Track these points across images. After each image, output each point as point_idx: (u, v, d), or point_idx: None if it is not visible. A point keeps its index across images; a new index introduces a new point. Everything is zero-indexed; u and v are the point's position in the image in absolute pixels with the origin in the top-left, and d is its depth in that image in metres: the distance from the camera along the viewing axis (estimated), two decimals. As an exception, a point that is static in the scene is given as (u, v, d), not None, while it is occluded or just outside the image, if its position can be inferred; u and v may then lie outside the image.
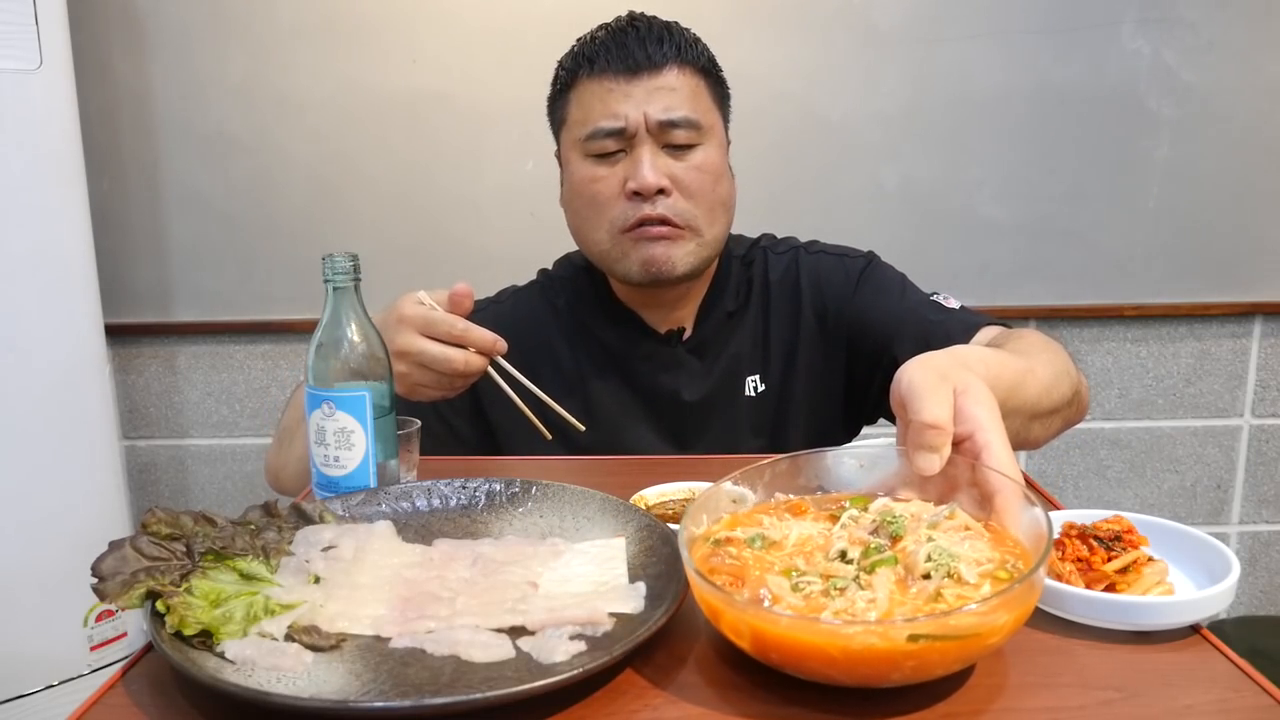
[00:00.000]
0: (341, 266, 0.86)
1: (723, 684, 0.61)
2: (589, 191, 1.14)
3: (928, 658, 0.54)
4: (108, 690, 0.61)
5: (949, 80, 1.87)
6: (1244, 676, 0.61)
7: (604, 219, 1.14)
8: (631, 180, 1.11)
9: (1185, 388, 2.03)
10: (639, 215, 1.11)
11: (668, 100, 1.11)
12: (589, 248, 1.19)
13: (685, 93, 1.12)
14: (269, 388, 2.00)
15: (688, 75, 1.13)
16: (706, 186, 1.13)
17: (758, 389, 1.22)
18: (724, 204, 1.16)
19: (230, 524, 0.74)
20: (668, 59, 1.11)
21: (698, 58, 1.14)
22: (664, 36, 1.12)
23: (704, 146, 1.13)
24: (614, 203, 1.13)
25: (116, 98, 1.86)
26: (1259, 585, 2.13)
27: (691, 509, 0.69)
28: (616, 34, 1.13)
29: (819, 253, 1.26)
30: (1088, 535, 0.72)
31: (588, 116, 1.13)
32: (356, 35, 1.85)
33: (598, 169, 1.14)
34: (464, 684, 0.59)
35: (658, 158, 1.11)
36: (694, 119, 1.11)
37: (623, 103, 1.11)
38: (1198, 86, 1.88)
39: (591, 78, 1.13)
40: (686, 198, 1.12)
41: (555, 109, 1.21)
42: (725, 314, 1.23)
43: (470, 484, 0.86)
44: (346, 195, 1.90)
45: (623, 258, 1.14)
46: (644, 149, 1.11)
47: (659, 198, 1.11)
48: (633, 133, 1.11)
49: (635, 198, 1.11)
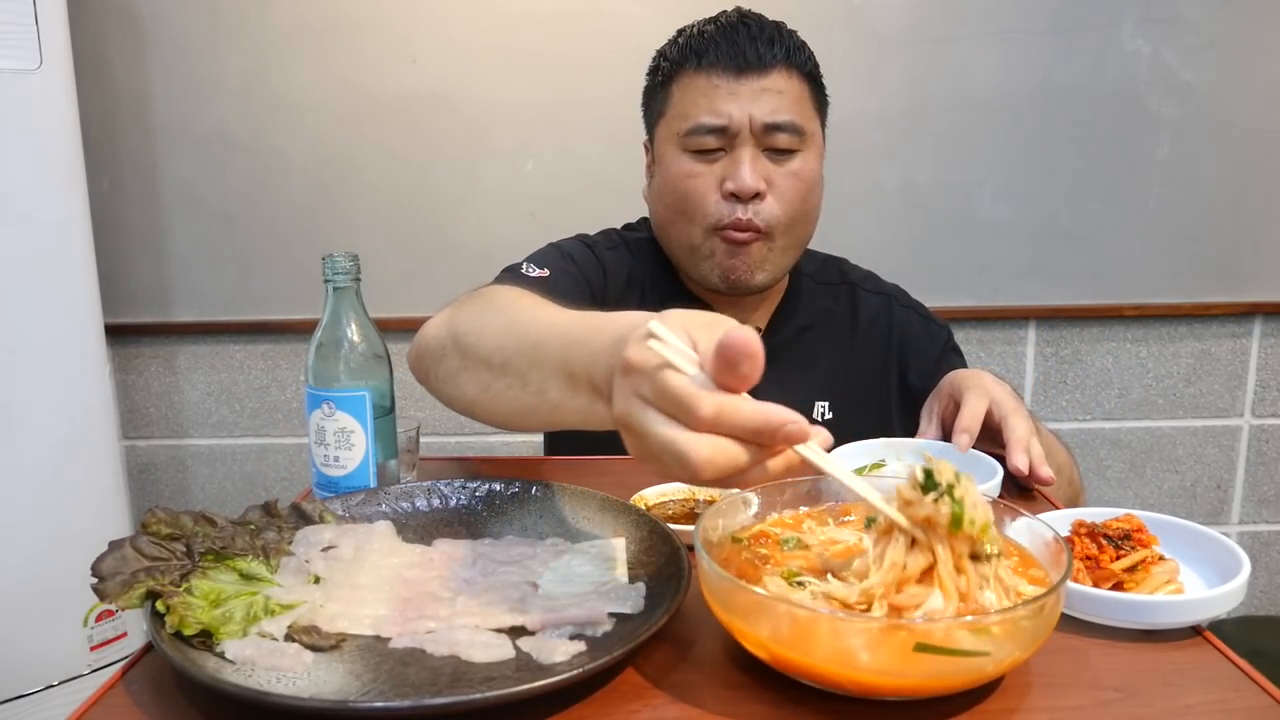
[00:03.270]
0: (341, 266, 0.86)
1: (723, 684, 0.61)
2: (684, 187, 1.12)
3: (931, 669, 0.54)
4: (108, 690, 0.61)
5: (949, 80, 1.87)
6: (1244, 676, 0.61)
7: (698, 215, 1.12)
8: (730, 180, 1.09)
9: (1185, 388, 2.03)
10: (733, 218, 1.09)
11: (774, 103, 1.08)
12: (675, 241, 1.16)
13: (791, 96, 1.10)
14: (269, 388, 2.00)
15: (794, 79, 1.11)
16: (800, 195, 1.11)
17: (825, 415, 1.21)
18: (811, 215, 1.15)
19: (230, 524, 0.74)
20: (776, 60, 1.09)
21: (805, 62, 1.12)
22: (775, 37, 1.10)
23: (803, 154, 1.11)
24: (709, 200, 1.11)
25: (116, 98, 1.86)
26: (1259, 585, 2.13)
27: (710, 512, 0.69)
28: (727, 30, 1.10)
29: (909, 309, 1.28)
30: (1097, 534, 0.72)
31: (690, 111, 1.10)
32: (356, 35, 1.85)
33: (696, 165, 1.11)
34: (464, 684, 0.59)
35: (758, 161, 1.09)
36: (798, 124, 1.09)
37: (728, 101, 1.08)
38: (1198, 86, 1.88)
39: (698, 72, 1.10)
40: (780, 203, 1.10)
41: (653, 100, 1.19)
42: (799, 327, 1.23)
43: (470, 484, 0.86)
44: (346, 195, 1.90)
45: (709, 257, 1.13)
46: (745, 150, 1.09)
47: (754, 202, 1.09)
48: (735, 132, 1.09)
49: (731, 199, 1.09)
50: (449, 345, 0.87)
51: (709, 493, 0.91)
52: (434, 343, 0.90)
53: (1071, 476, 1.11)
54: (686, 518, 0.87)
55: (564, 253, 1.18)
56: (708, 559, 0.61)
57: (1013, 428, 0.95)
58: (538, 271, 1.11)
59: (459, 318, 0.88)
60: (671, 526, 0.77)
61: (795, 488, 0.74)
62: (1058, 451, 1.08)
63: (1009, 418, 0.96)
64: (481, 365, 0.81)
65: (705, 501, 0.90)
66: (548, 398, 0.71)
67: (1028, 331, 1.99)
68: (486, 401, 0.82)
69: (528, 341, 0.74)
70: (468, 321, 0.86)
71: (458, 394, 0.87)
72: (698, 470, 0.53)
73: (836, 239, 1.40)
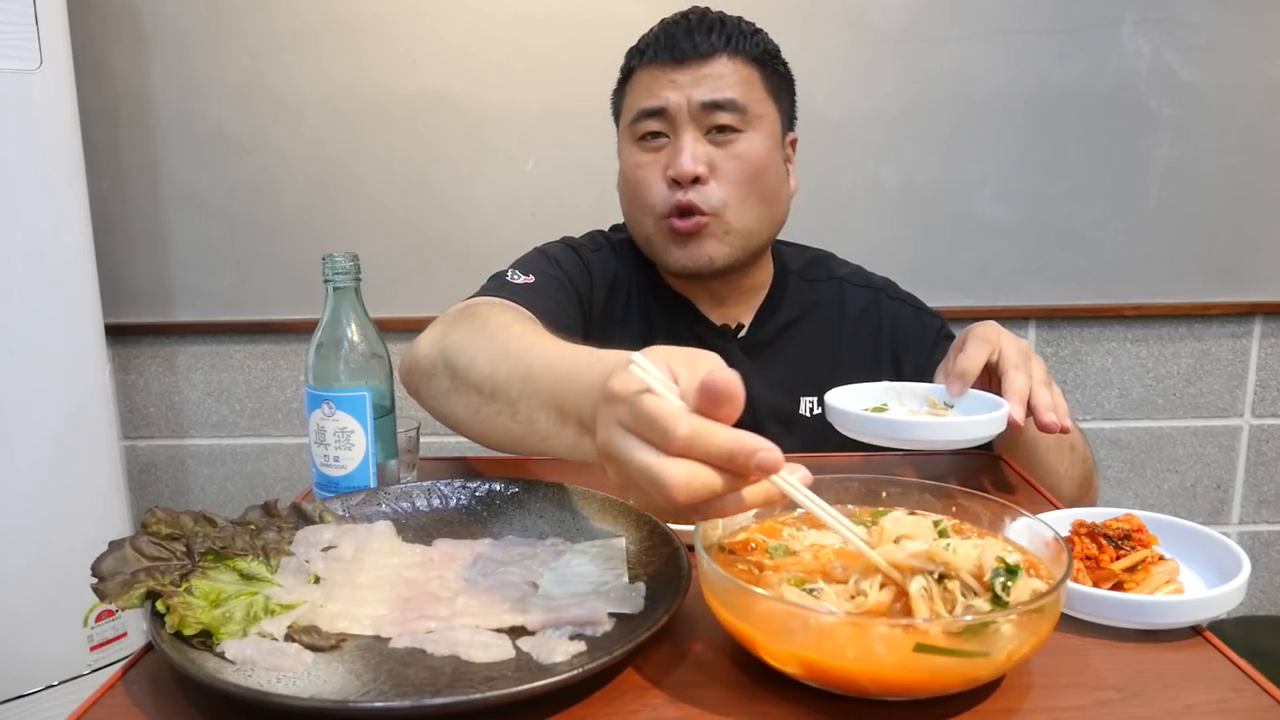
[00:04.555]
0: (341, 266, 0.87)
1: (723, 684, 0.61)
2: (634, 177, 1.15)
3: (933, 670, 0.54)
4: (108, 690, 0.61)
5: (949, 80, 1.87)
6: (1244, 676, 0.61)
7: (646, 204, 1.14)
8: (670, 167, 1.11)
9: (1185, 388, 2.03)
10: (674, 202, 1.11)
11: (713, 84, 1.11)
12: (636, 233, 1.20)
13: (733, 79, 1.12)
14: (269, 388, 2.00)
15: (738, 64, 1.12)
16: (747, 175, 1.12)
17: (813, 410, 1.22)
18: (765, 196, 1.14)
19: (230, 524, 0.74)
20: (716, 49, 1.11)
21: (750, 49, 1.14)
22: (714, 27, 1.13)
23: (749, 135, 1.12)
24: (655, 189, 1.13)
25: (116, 98, 1.86)
26: (1259, 585, 2.13)
27: None
28: (669, 25, 1.14)
29: (899, 300, 1.28)
30: (1097, 533, 0.72)
31: (635, 103, 1.15)
32: (356, 35, 1.85)
33: (643, 155, 1.15)
34: (464, 684, 0.59)
35: (699, 145, 1.11)
36: (738, 101, 1.11)
37: (667, 87, 1.11)
38: (1198, 86, 1.88)
39: (643, 67, 1.15)
40: (724, 185, 1.11)
41: (616, 101, 1.23)
42: (783, 322, 1.23)
43: (470, 484, 0.86)
44: (346, 195, 1.90)
45: (664, 245, 1.15)
46: (685, 135, 1.11)
47: (695, 185, 1.10)
48: (674, 115, 1.11)
49: (674, 184, 1.11)
50: (440, 365, 0.89)
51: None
52: (425, 361, 0.92)
53: (1086, 456, 1.10)
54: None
55: (549, 258, 1.20)
56: (708, 559, 0.61)
57: (1010, 380, 0.93)
58: (523, 278, 1.12)
59: (451, 339, 0.90)
60: (671, 526, 0.77)
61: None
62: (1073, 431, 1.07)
63: (1009, 371, 0.94)
64: (472, 389, 0.83)
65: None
66: (536, 428, 0.73)
67: (1027, 331, 1.99)
68: (477, 424, 0.85)
69: (518, 373, 0.76)
70: (459, 344, 0.88)
71: (448, 413, 0.90)
72: (673, 493, 0.53)
73: (836, 239, 1.40)
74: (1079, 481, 1.09)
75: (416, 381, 0.95)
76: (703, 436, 0.53)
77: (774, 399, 1.20)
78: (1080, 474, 1.08)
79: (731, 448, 0.53)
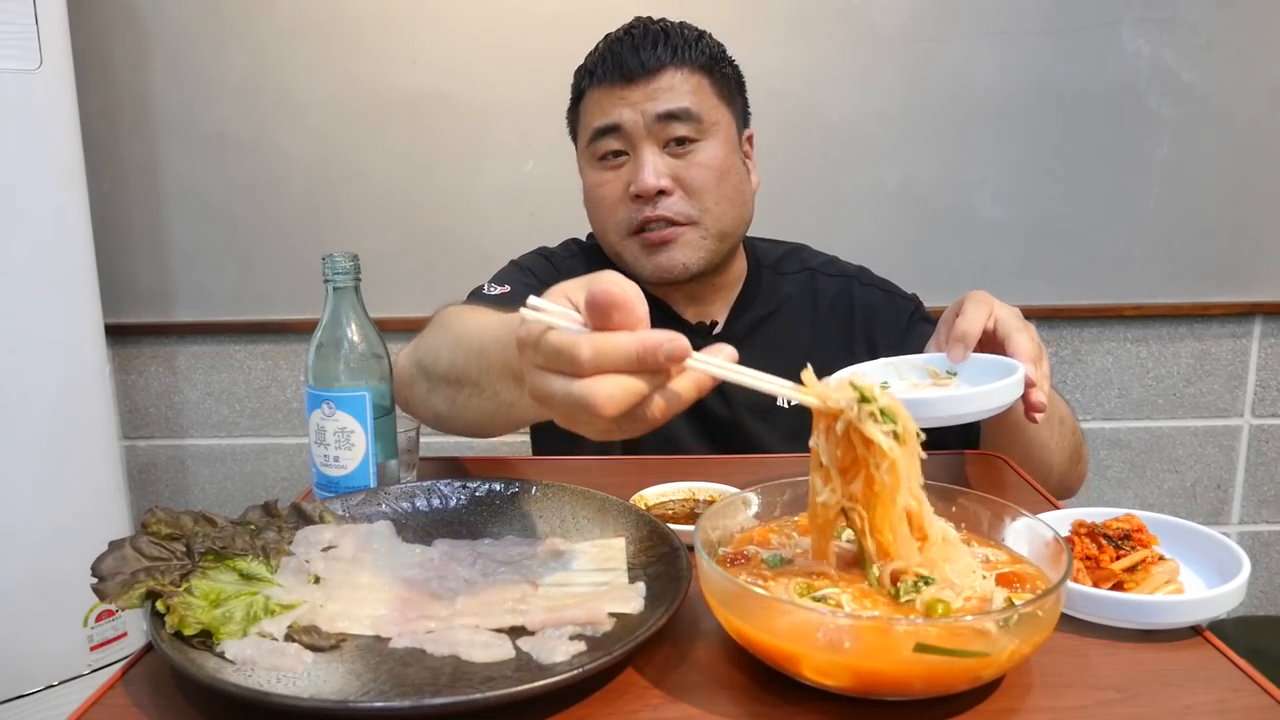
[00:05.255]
0: (341, 266, 0.87)
1: (723, 684, 0.61)
2: (596, 196, 1.18)
3: (934, 671, 0.54)
4: (108, 690, 0.61)
5: (949, 80, 1.87)
6: (1244, 676, 0.61)
7: (611, 222, 1.16)
8: (633, 184, 1.12)
9: (1185, 388, 2.03)
10: (641, 218, 1.13)
11: (665, 97, 1.12)
12: (607, 249, 1.22)
13: (683, 90, 1.13)
14: (269, 388, 2.00)
15: (686, 74, 1.13)
16: (710, 183, 1.13)
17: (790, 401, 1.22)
18: (731, 199, 1.16)
19: (230, 524, 0.74)
20: (663, 62, 1.12)
21: (697, 56, 1.14)
22: (659, 40, 1.13)
23: (707, 143, 1.14)
24: (619, 206, 1.15)
25: (116, 98, 1.86)
26: (1259, 585, 2.13)
27: (710, 512, 0.69)
28: (614, 44, 1.15)
29: (871, 286, 1.28)
30: (1097, 534, 0.72)
31: (590, 123, 1.16)
32: (356, 35, 1.85)
33: (604, 174, 1.16)
34: (464, 684, 0.59)
35: (659, 159, 1.12)
36: (692, 111, 1.12)
37: (619, 105, 1.13)
38: (1198, 86, 1.88)
39: (593, 88, 1.16)
40: (690, 195, 1.13)
41: (571, 122, 1.25)
42: (757, 317, 1.24)
43: (470, 484, 0.86)
44: (346, 195, 1.90)
45: (634, 262, 1.16)
46: (644, 150, 1.12)
47: (660, 198, 1.12)
48: (630, 132, 1.12)
49: (638, 200, 1.13)
50: (415, 372, 0.97)
51: (709, 493, 0.91)
52: (404, 373, 1.00)
53: (1074, 427, 1.10)
54: (686, 518, 0.87)
55: (523, 268, 1.25)
56: (708, 559, 0.61)
57: (1017, 344, 0.88)
58: (498, 289, 1.18)
59: (420, 347, 0.97)
60: (671, 526, 0.77)
61: (783, 496, 0.75)
62: (1058, 403, 1.08)
63: (1013, 335, 0.89)
64: (443, 382, 0.89)
65: (705, 501, 0.90)
66: (502, 398, 0.77)
67: (1028, 331, 1.99)
68: (457, 413, 0.90)
69: (473, 352, 0.82)
70: (425, 346, 0.95)
71: (431, 413, 0.96)
72: (601, 409, 0.54)
73: (836, 238, 1.40)
74: (1069, 453, 1.09)
75: (404, 395, 1.01)
76: (606, 350, 0.54)
77: (751, 393, 1.21)
78: (1071, 445, 1.09)
79: (636, 351, 0.54)
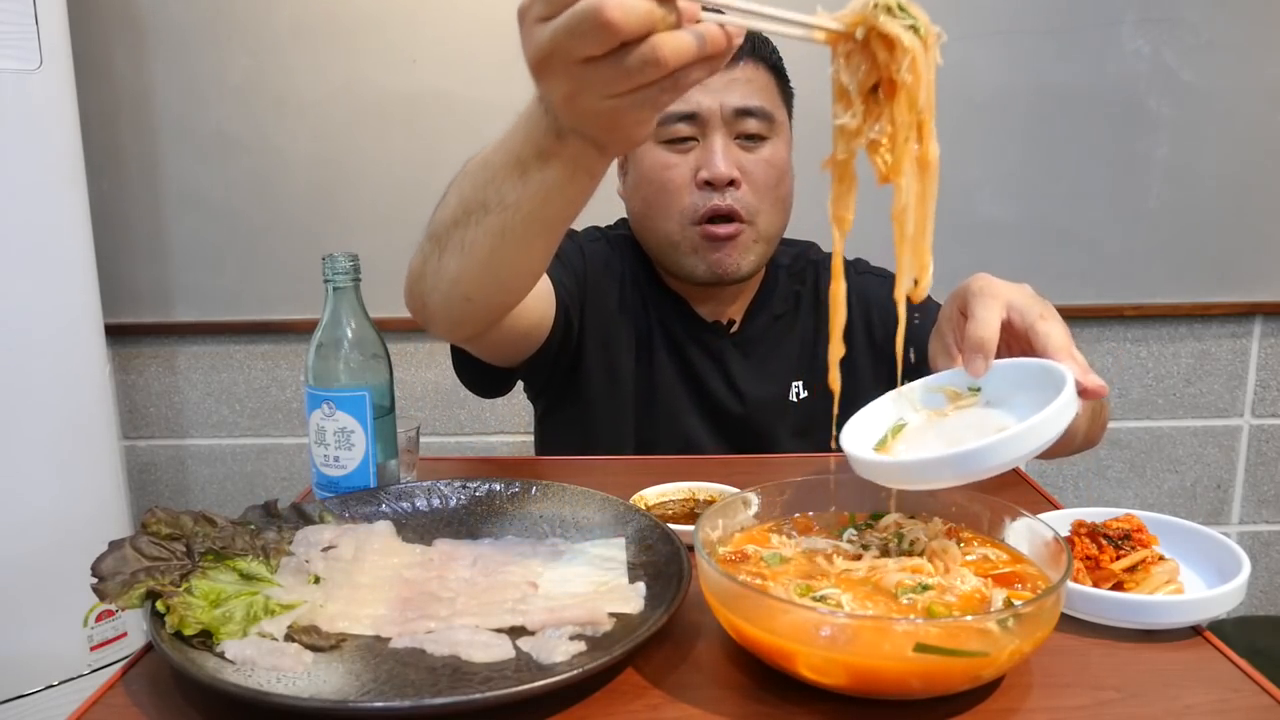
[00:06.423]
0: (341, 266, 0.87)
1: (722, 684, 0.61)
2: (660, 179, 1.13)
3: (932, 671, 0.55)
4: (108, 690, 0.61)
5: (949, 80, 1.85)
6: (1244, 676, 0.61)
7: (674, 208, 1.13)
8: (704, 169, 1.10)
9: (1185, 388, 2.03)
10: (709, 206, 1.11)
11: (743, 90, 1.11)
12: (655, 237, 1.17)
13: (759, 84, 1.13)
14: (269, 388, 2.00)
15: (761, 70, 1.13)
16: (772, 181, 1.13)
17: (800, 395, 1.23)
18: (784, 202, 1.16)
19: (230, 524, 0.74)
20: (743, 53, 1.11)
21: (770, 54, 1.15)
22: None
23: (773, 141, 1.14)
24: (685, 191, 1.12)
25: (116, 98, 1.86)
26: (1259, 585, 2.13)
27: (710, 512, 0.69)
28: None
29: (866, 273, 1.28)
30: (1097, 534, 0.72)
31: None
32: (356, 35, 1.85)
33: (670, 156, 1.13)
34: (464, 684, 0.59)
35: (730, 149, 1.11)
36: (768, 110, 1.12)
37: (698, 90, 1.07)
38: (1198, 86, 1.88)
39: None
40: (754, 191, 1.12)
41: None
42: (773, 316, 1.24)
43: (470, 484, 0.86)
44: (346, 195, 1.90)
45: (691, 252, 1.14)
46: (717, 138, 1.11)
47: (729, 189, 1.11)
48: (706, 119, 1.11)
49: (706, 187, 1.11)
50: (426, 246, 0.89)
51: (709, 493, 0.91)
52: (415, 260, 0.92)
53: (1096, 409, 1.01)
54: (686, 518, 0.87)
55: None
56: (708, 559, 0.61)
57: (1046, 335, 0.76)
58: None
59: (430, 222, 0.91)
60: (671, 526, 0.77)
61: (783, 496, 0.75)
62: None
63: (1036, 324, 0.78)
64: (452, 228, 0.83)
65: (705, 501, 0.90)
66: (507, 200, 0.76)
67: (1028, 331, 1.99)
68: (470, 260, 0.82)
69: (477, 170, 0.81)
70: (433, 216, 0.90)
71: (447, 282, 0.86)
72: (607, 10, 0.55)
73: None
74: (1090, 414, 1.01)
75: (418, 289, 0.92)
76: None
77: (765, 390, 1.22)
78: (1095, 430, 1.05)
79: None
